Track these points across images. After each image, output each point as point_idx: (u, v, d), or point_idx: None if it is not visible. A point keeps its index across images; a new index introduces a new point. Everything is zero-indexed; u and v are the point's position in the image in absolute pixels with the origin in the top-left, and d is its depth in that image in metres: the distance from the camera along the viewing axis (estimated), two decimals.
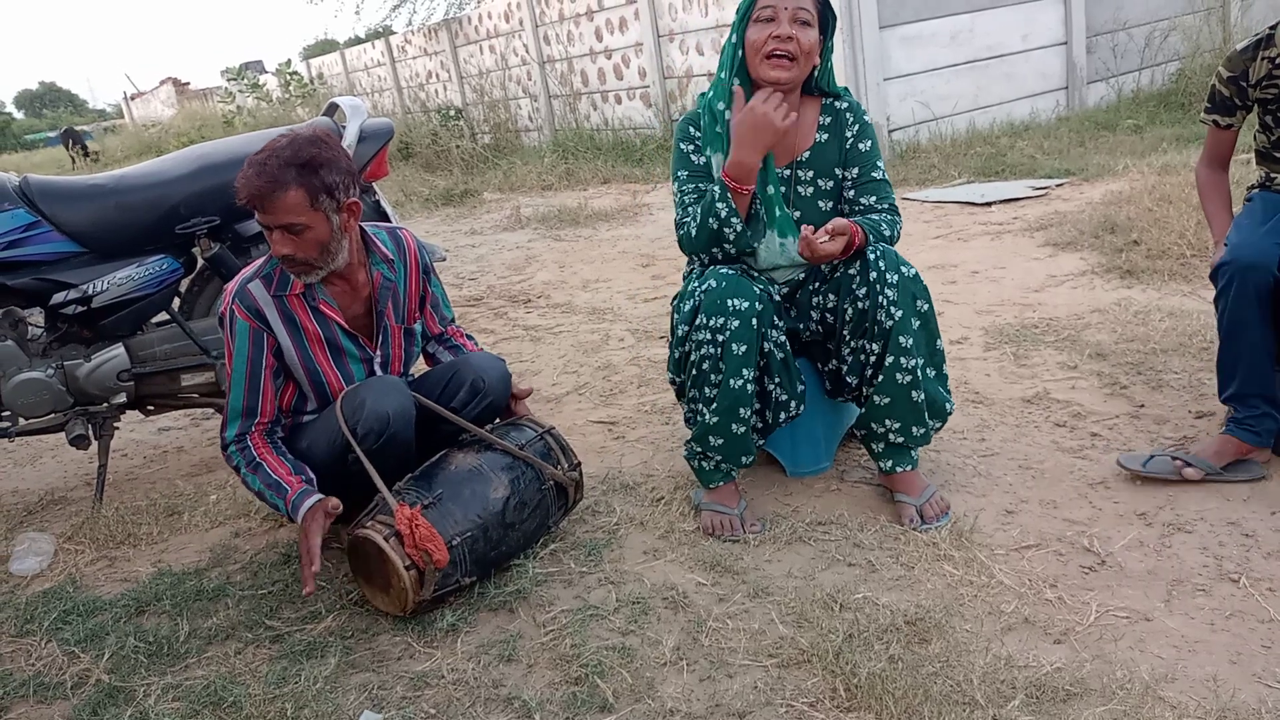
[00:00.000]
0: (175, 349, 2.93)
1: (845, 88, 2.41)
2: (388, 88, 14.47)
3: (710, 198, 2.19)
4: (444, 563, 1.97)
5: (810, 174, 2.33)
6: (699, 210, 2.23)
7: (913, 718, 1.61)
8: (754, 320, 2.14)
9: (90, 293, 2.78)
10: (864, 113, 2.38)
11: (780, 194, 2.29)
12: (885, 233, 2.24)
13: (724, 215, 2.18)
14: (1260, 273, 2.15)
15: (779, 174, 2.30)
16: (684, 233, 2.28)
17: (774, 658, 1.81)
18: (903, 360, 2.18)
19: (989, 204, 5.38)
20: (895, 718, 1.61)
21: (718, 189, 2.18)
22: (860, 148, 2.33)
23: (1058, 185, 5.59)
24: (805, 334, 2.38)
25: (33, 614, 2.27)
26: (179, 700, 1.88)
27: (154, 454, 3.38)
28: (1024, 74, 7.58)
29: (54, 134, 34.20)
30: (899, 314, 2.15)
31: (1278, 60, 2.28)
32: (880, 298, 2.15)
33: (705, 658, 1.84)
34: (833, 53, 2.32)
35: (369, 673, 1.92)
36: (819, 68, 2.29)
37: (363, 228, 2.26)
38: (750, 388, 2.19)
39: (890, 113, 6.93)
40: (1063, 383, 2.92)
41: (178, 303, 3.10)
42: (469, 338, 2.57)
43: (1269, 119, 2.37)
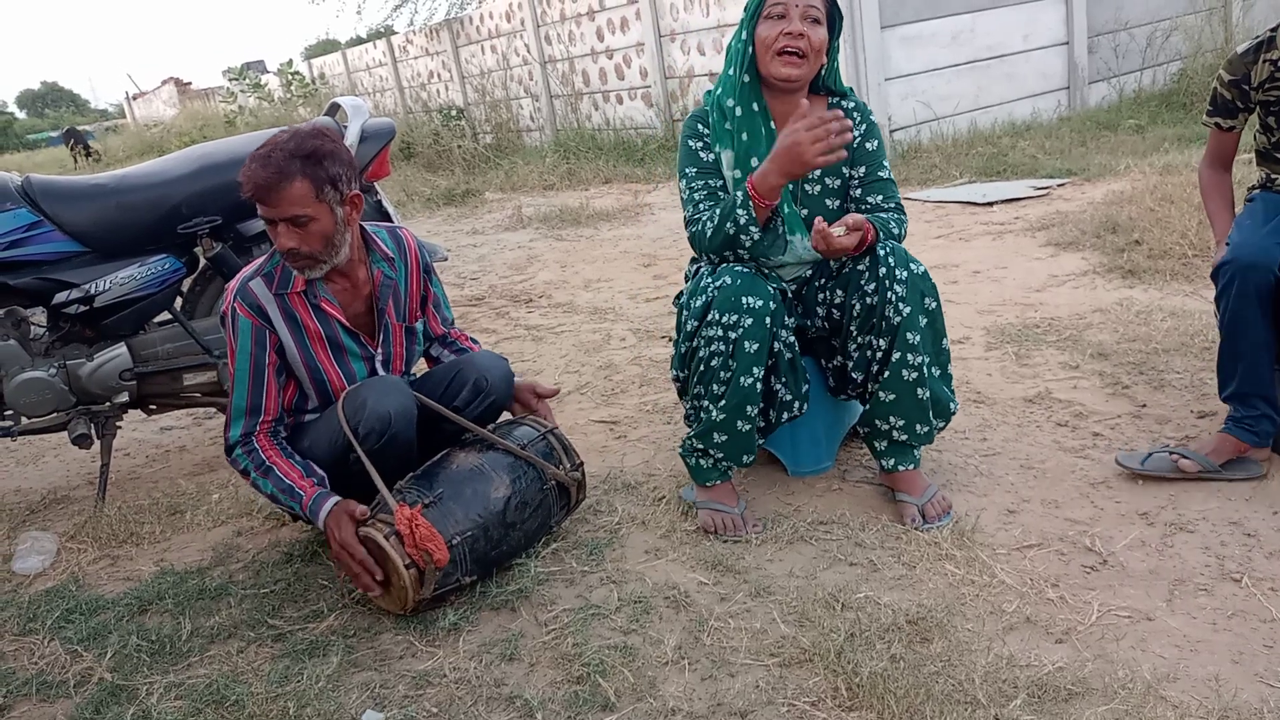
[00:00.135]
0: (177, 348, 2.93)
1: (850, 88, 2.41)
2: (389, 88, 14.48)
3: (731, 202, 2.17)
4: (444, 562, 1.97)
5: (818, 172, 2.33)
6: (717, 213, 2.20)
7: (915, 717, 1.61)
8: (767, 319, 2.14)
9: (92, 292, 2.78)
10: (870, 112, 2.38)
11: (788, 191, 2.29)
12: (894, 231, 2.25)
13: (743, 222, 2.16)
14: (1261, 272, 2.15)
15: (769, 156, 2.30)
16: (697, 230, 2.25)
17: (776, 657, 1.81)
18: (909, 357, 2.18)
19: (990, 204, 5.38)
20: (897, 717, 1.61)
21: (740, 195, 2.15)
22: (867, 147, 2.33)
23: (1059, 185, 5.58)
24: (811, 330, 2.38)
25: (35, 613, 2.27)
26: (181, 699, 1.88)
27: (156, 453, 3.39)
28: (1025, 74, 7.58)
29: (56, 134, 34.28)
30: (907, 310, 2.15)
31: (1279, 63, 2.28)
32: (889, 293, 2.15)
33: (707, 657, 1.84)
34: (839, 53, 2.32)
35: (371, 671, 1.93)
36: (825, 67, 2.29)
37: (363, 226, 2.26)
38: (759, 386, 2.19)
39: (891, 113, 6.93)
40: (1064, 382, 2.92)
41: (180, 302, 3.10)
42: (473, 341, 2.56)
43: (1270, 120, 2.37)
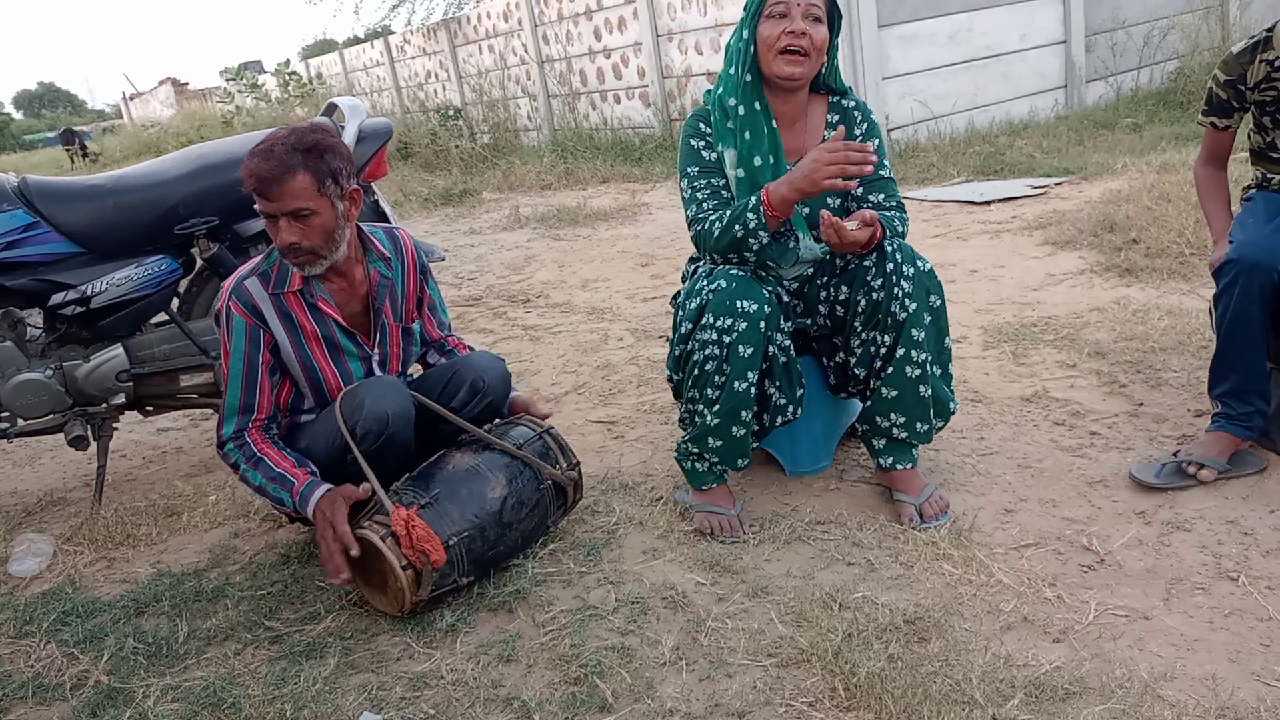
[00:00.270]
0: (174, 349, 2.93)
1: (848, 86, 2.41)
2: (386, 88, 14.47)
3: (741, 206, 2.17)
4: (441, 563, 1.97)
5: None
6: (726, 214, 2.19)
7: (912, 717, 1.61)
8: (762, 323, 2.14)
9: (89, 293, 2.78)
10: (870, 111, 2.39)
11: None
12: (898, 229, 2.26)
13: (751, 226, 2.15)
14: (1265, 273, 2.16)
15: (788, 170, 2.29)
16: (702, 230, 2.23)
17: (773, 657, 1.81)
18: (913, 353, 2.18)
19: (988, 203, 5.38)
20: (895, 717, 1.61)
21: (753, 200, 2.15)
22: (869, 146, 2.33)
23: (1056, 184, 5.58)
24: (813, 329, 2.38)
25: (32, 615, 2.27)
26: (178, 701, 1.87)
27: (153, 455, 3.38)
28: (1022, 73, 7.58)
29: (53, 134, 34.21)
30: (913, 306, 2.16)
31: (1276, 63, 2.28)
32: (896, 289, 2.15)
33: (704, 657, 1.84)
34: (838, 51, 2.32)
35: (368, 673, 1.92)
36: (825, 65, 2.29)
37: (359, 226, 2.26)
38: (753, 391, 2.18)
39: (889, 112, 6.93)
40: (1062, 381, 2.92)
41: (176, 303, 3.10)
42: (469, 348, 2.55)
43: (1266, 120, 2.37)
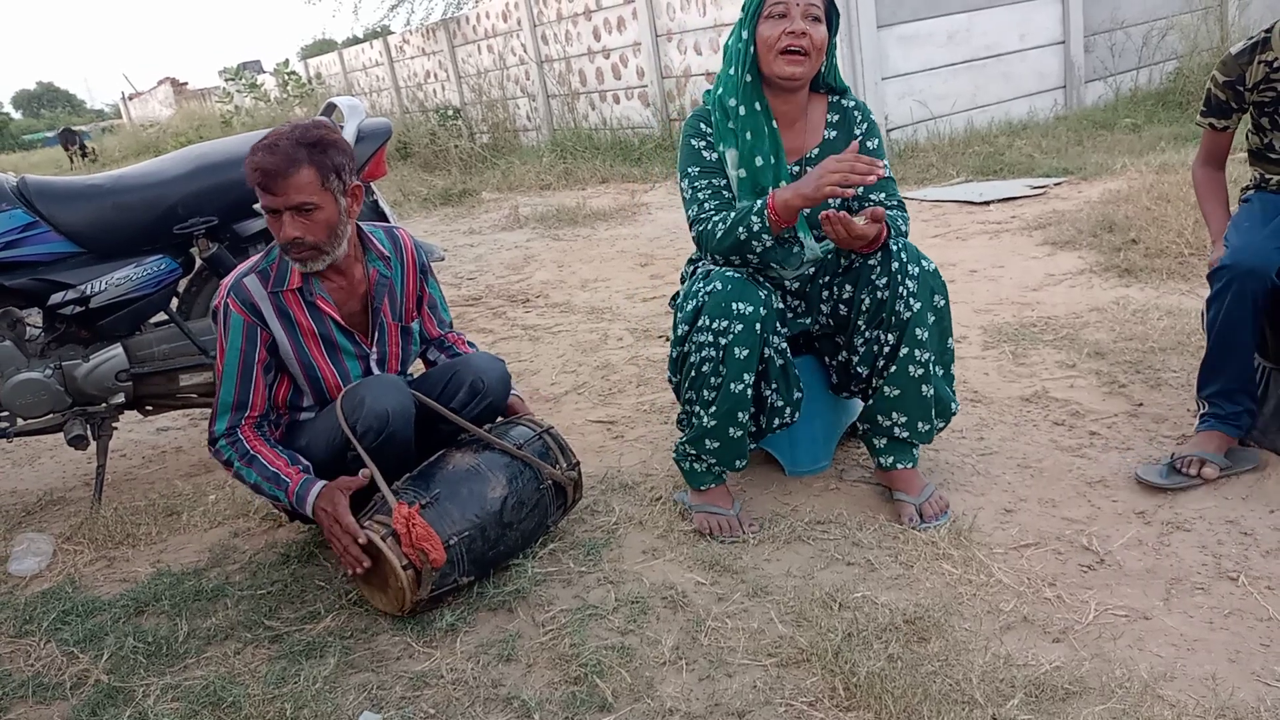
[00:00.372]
0: (173, 349, 2.93)
1: (847, 86, 2.41)
2: (386, 87, 14.47)
3: (746, 209, 2.16)
4: (441, 562, 1.97)
5: None
6: (729, 216, 2.18)
7: (912, 717, 1.61)
8: (758, 325, 2.13)
9: (88, 293, 2.78)
10: (869, 111, 2.40)
11: None
12: (901, 227, 2.26)
13: (756, 229, 2.14)
14: (1259, 279, 2.16)
15: (789, 170, 2.30)
16: (705, 230, 2.22)
17: (773, 657, 1.81)
18: (916, 353, 2.18)
19: (987, 203, 5.39)
20: (894, 717, 1.61)
21: (759, 203, 2.14)
22: (869, 145, 2.33)
23: (1056, 184, 5.59)
24: (815, 328, 2.38)
25: (31, 614, 2.27)
26: (178, 700, 1.87)
27: (152, 454, 3.38)
28: (1022, 73, 7.59)
29: (52, 134, 34.22)
30: (918, 306, 2.16)
31: (1275, 64, 2.28)
32: (900, 288, 2.15)
33: (704, 657, 1.84)
34: (836, 50, 2.32)
35: (368, 673, 1.92)
36: (825, 64, 2.30)
37: (359, 225, 2.26)
38: (749, 393, 2.18)
39: (888, 112, 6.93)
40: (1061, 381, 2.92)
41: (176, 303, 3.10)
42: (471, 346, 2.55)
43: (1264, 121, 2.37)
